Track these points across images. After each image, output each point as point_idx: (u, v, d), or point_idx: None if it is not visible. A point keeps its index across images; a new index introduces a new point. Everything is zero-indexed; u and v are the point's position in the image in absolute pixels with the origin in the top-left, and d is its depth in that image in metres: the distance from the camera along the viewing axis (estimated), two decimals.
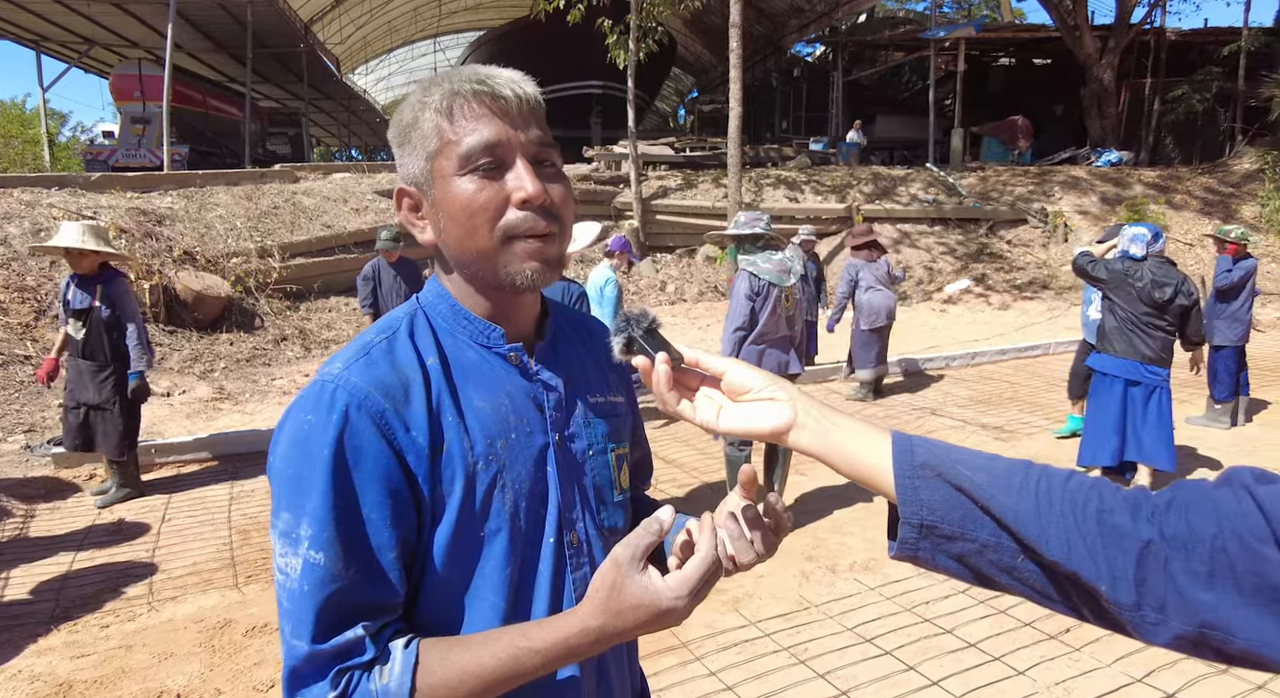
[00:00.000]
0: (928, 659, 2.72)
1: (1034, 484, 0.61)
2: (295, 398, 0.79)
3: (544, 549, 0.84)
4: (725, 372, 0.71)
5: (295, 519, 0.73)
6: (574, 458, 0.88)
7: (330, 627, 0.72)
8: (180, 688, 2.63)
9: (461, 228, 0.79)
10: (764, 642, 2.86)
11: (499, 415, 0.82)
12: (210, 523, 4.13)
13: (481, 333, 0.85)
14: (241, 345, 8.38)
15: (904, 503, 0.63)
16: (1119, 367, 4.22)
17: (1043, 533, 0.58)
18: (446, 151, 0.79)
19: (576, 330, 0.98)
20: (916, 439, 0.66)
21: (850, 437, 0.66)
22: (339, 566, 0.72)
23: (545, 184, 0.80)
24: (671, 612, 0.69)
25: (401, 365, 0.79)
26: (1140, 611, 0.55)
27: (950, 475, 0.62)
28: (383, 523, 0.74)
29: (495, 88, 0.79)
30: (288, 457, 0.75)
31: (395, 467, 0.75)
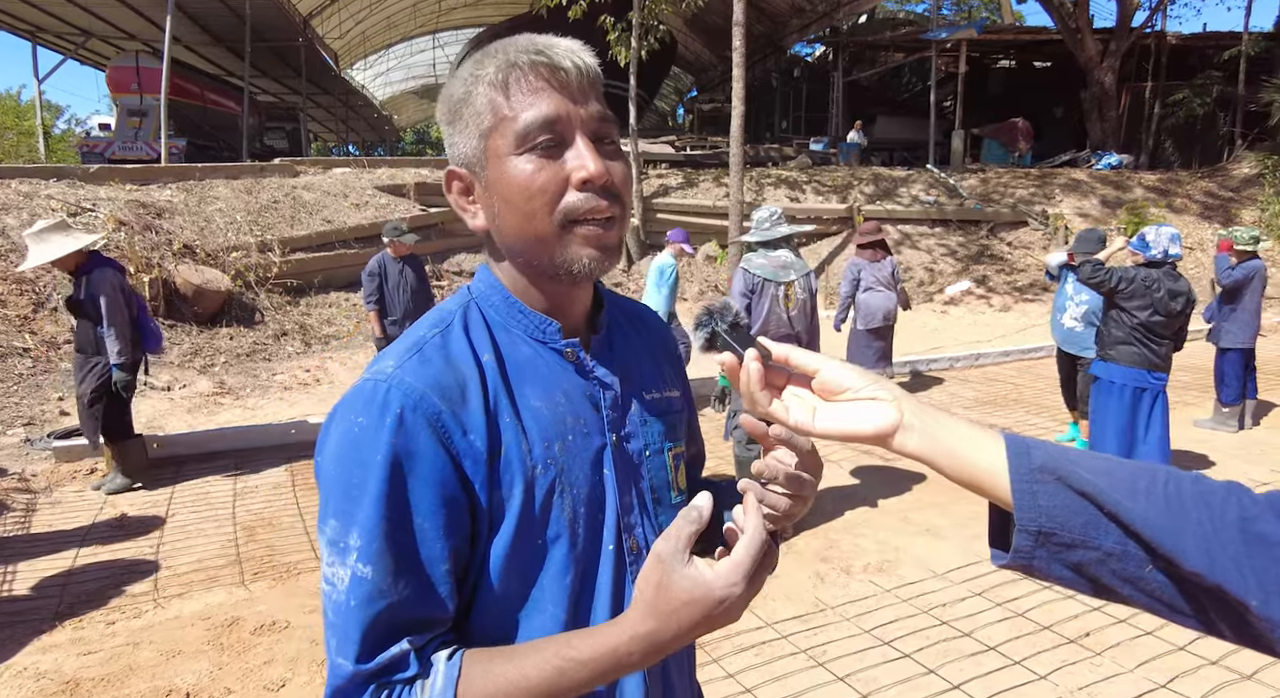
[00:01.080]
0: (948, 663, 2.70)
1: (1161, 488, 0.57)
2: (343, 397, 0.74)
3: (603, 557, 0.79)
4: (819, 370, 0.67)
5: (344, 528, 0.69)
6: (631, 459, 0.83)
7: (376, 645, 0.68)
8: (189, 687, 2.59)
9: (518, 212, 0.74)
10: (781, 644, 2.83)
11: (556, 416, 0.78)
12: (214, 519, 4.08)
13: (537, 327, 0.80)
14: (242, 340, 8.31)
15: (1021, 509, 0.59)
16: (1127, 375, 4.20)
17: (1179, 542, 0.54)
18: (502, 129, 0.73)
19: (631, 321, 0.94)
20: (1032, 441, 0.62)
21: (961, 439, 0.62)
22: (388, 580, 0.68)
23: (606, 162, 0.75)
24: (726, 602, 0.64)
25: (457, 362, 0.74)
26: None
27: (1071, 480, 0.58)
28: (436, 534, 0.70)
29: (555, 58, 0.73)
30: (337, 460, 0.71)
31: (451, 473, 0.71)
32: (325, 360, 8.08)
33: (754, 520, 0.67)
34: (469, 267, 11.38)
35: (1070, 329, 5.17)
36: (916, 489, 4.47)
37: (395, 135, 40.20)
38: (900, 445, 0.63)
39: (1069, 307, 5.14)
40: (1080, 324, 5.08)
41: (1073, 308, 5.11)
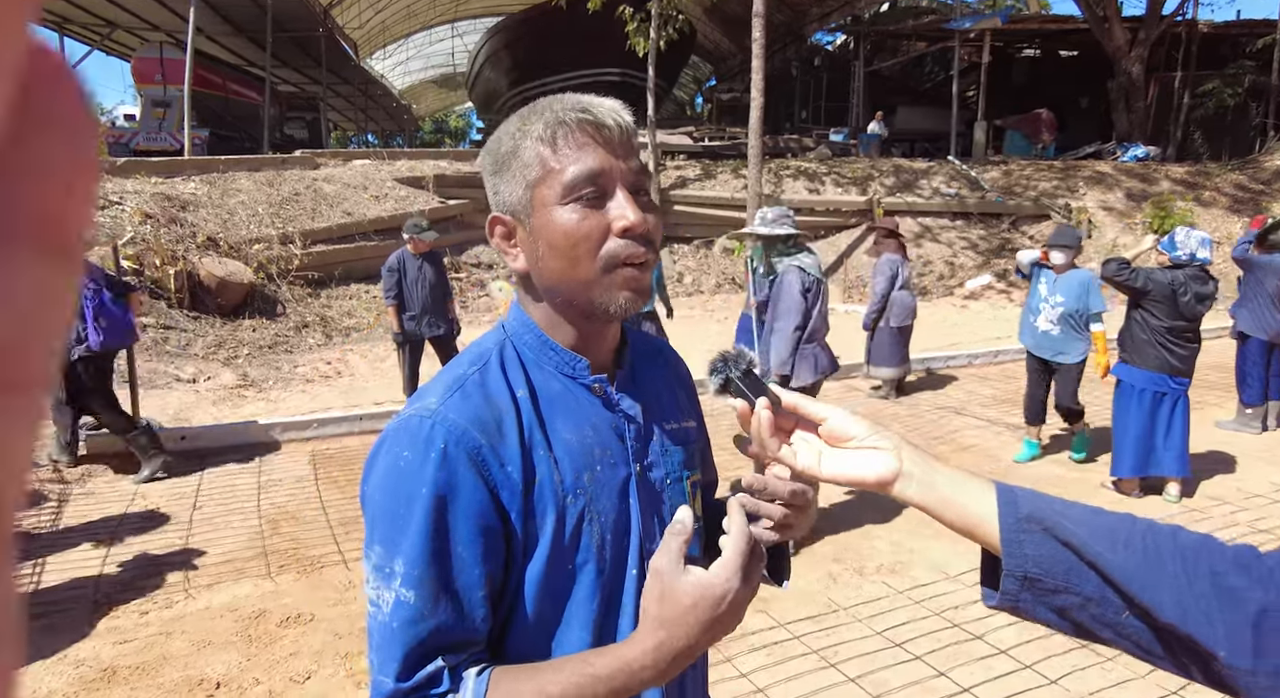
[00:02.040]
0: (959, 665, 2.73)
1: (1140, 540, 0.61)
2: (389, 429, 0.80)
3: (627, 581, 0.84)
4: (826, 418, 0.71)
5: (389, 554, 0.74)
6: (653, 487, 0.88)
7: (416, 664, 0.73)
8: (220, 676, 2.68)
9: (564, 256, 0.79)
10: (793, 644, 2.87)
11: (584, 447, 0.83)
12: (240, 512, 4.19)
13: (567, 364, 0.85)
14: (264, 332, 8.45)
15: (1009, 556, 0.63)
16: (1148, 379, 4.17)
17: (1155, 595, 0.58)
18: (549, 180, 0.79)
19: (651, 356, 0.99)
20: (1020, 491, 0.66)
21: (955, 488, 0.67)
22: (429, 605, 0.73)
23: (645, 212, 0.80)
24: (727, 597, 0.70)
25: (495, 399, 0.80)
26: (1255, 676, 0.55)
27: (1055, 530, 0.62)
28: (474, 561, 0.75)
29: (599, 117, 0.79)
30: (383, 491, 0.76)
31: (489, 504, 0.76)
32: (346, 353, 8.20)
33: (738, 521, 0.72)
34: (487, 259, 11.46)
35: (1045, 332, 4.85)
36: None
37: (414, 124, 40.32)
38: (900, 493, 0.67)
39: (1043, 309, 4.83)
40: (1056, 327, 4.77)
41: (1048, 310, 4.80)
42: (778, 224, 3.78)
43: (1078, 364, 4.76)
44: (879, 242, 6.65)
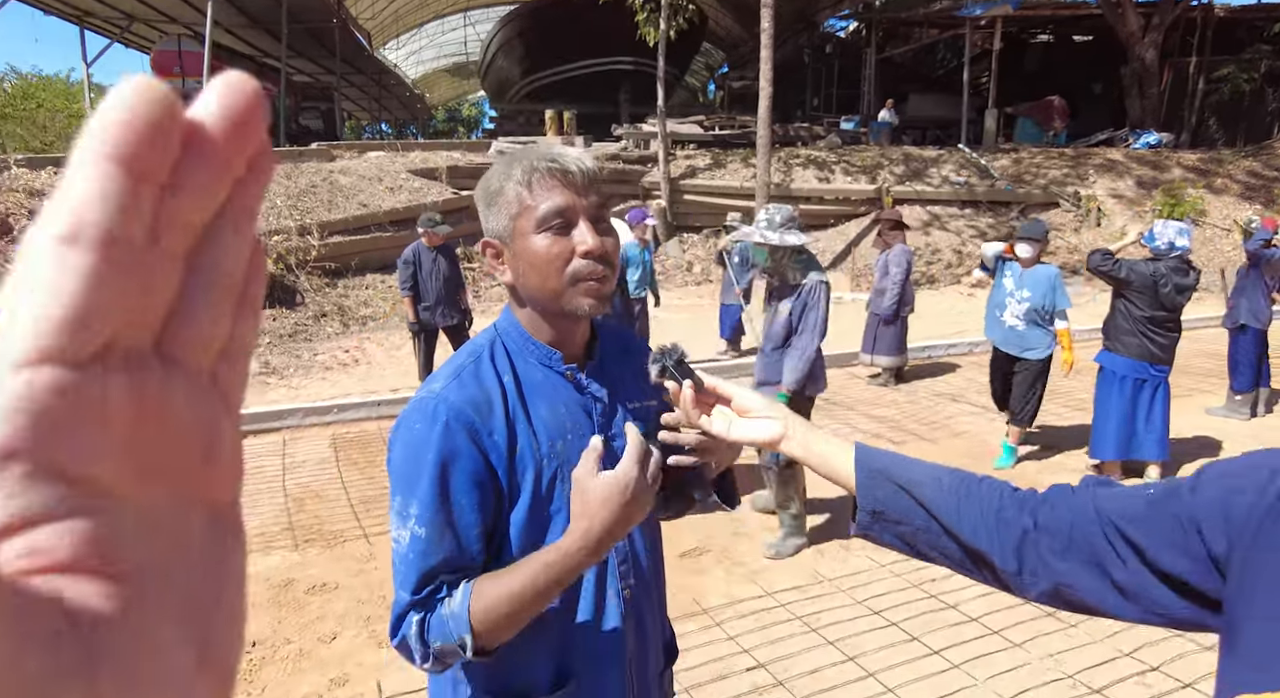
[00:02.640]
0: (931, 631, 2.95)
1: (956, 487, 0.83)
2: (408, 407, 1.03)
3: None
4: (734, 397, 0.94)
5: (406, 502, 0.97)
6: (615, 453, 1.08)
7: (425, 583, 0.97)
8: (255, 636, 2.95)
9: (538, 273, 1.01)
10: (779, 611, 3.10)
11: (558, 421, 1.05)
12: (267, 491, 4.46)
13: (545, 356, 1.08)
14: (284, 321, 8.74)
15: (862, 496, 0.85)
16: (1130, 367, 4.34)
17: (959, 523, 0.80)
18: (527, 214, 1.01)
19: (619, 349, 1.21)
20: (872, 450, 0.88)
21: (826, 448, 0.89)
22: (436, 539, 0.96)
23: (601, 238, 1.02)
24: (629, 487, 0.91)
25: (486, 385, 1.03)
26: (1020, 576, 0.76)
27: (896, 478, 0.85)
28: (470, 508, 0.98)
29: (565, 165, 1.00)
30: (402, 455, 0.99)
31: (482, 465, 0.99)
32: (364, 341, 8.48)
33: (632, 434, 0.95)
34: None
35: (1011, 328, 4.75)
36: None
37: (427, 113, 40.55)
38: (785, 449, 0.89)
39: (1009, 304, 4.73)
40: (1023, 323, 4.68)
41: (1014, 305, 4.70)
42: (787, 231, 3.53)
43: (1042, 361, 4.71)
44: (885, 233, 6.75)
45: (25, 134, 24.21)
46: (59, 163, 9.68)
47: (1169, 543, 0.69)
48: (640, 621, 1.13)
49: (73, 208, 0.16)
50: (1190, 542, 0.68)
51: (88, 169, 0.16)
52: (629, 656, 1.10)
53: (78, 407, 0.16)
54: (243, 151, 0.18)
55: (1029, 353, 4.71)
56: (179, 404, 0.18)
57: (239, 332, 0.20)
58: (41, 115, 25.88)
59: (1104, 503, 0.74)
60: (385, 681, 2.68)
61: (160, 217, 0.17)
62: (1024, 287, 4.66)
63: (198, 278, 0.18)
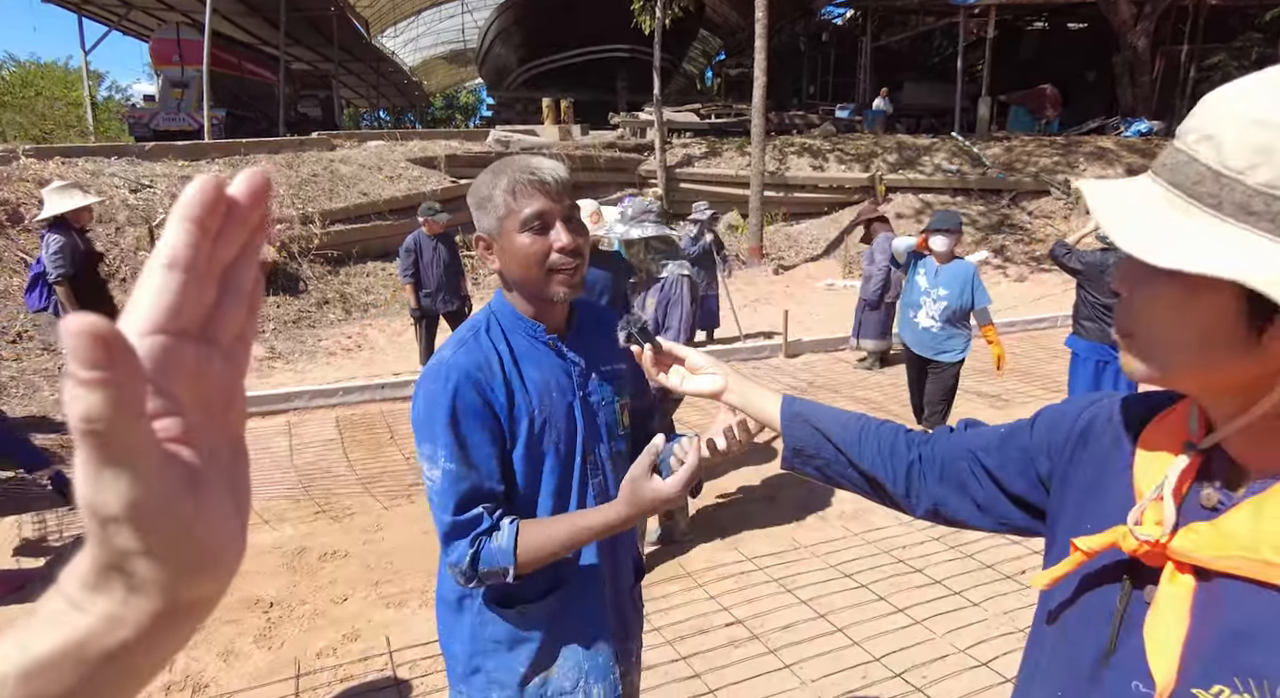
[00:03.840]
0: (898, 592, 3.19)
1: (859, 426, 1.05)
2: (423, 373, 1.26)
3: (575, 466, 1.32)
4: (687, 357, 1.16)
5: (434, 447, 1.20)
6: (592, 407, 1.35)
7: (461, 506, 1.20)
8: (272, 597, 3.19)
9: (521, 265, 1.24)
10: (757, 575, 3.34)
11: (544, 382, 1.29)
12: (277, 468, 4.70)
13: (531, 329, 1.31)
14: (288, 308, 8.96)
15: (786, 436, 1.08)
16: (1091, 349, 4.59)
17: (861, 455, 1.02)
18: (511, 217, 1.23)
19: (596, 320, 1.44)
20: (795, 399, 1.10)
21: (759, 398, 1.11)
22: (463, 470, 1.20)
23: (573, 235, 1.24)
24: (670, 500, 1.15)
25: (486, 351, 1.26)
26: (908, 498, 0.99)
27: (811, 420, 1.07)
28: (485, 444, 1.22)
29: (542, 177, 1.23)
30: (424, 409, 1.22)
31: (489, 413, 1.22)
32: (365, 328, 8.69)
33: (693, 458, 1.16)
34: None
35: (926, 329, 4.48)
36: None
37: (425, 101, 40.52)
38: (726, 399, 1.12)
39: (924, 303, 4.44)
40: (938, 324, 4.42)
41: (929, 304, 4.41)
42: (639, 223, 3.31)
43: (956, 365, 4.51)
44: (870, 227, 7.02)
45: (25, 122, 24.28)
46: (66, 154, 9.85)
47: (1013, 469, 0.91)
48: (614, 541, 1.36)
49: (170, 248, 0.28)
50: (1026, 467, 0.90)
51: (177, 225, 0.28)
52: (606, 570, 1.34)
53: (172, 358, 0.28)
54: (258, 216, 0.31)
55: (944, 356, 4.48)
56: (215, 366, 0.30)
57: (248, 323, 0.32)
58: (41, 103, 25.94)
59: (971, 440, 0.96)
60: (394, 636, 2.93)
61: (213, 254, 0.30)
62: (939, 285, 4.37)
63: (227, 289, 0.31)
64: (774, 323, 9.13)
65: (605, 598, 1.35)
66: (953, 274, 4.36)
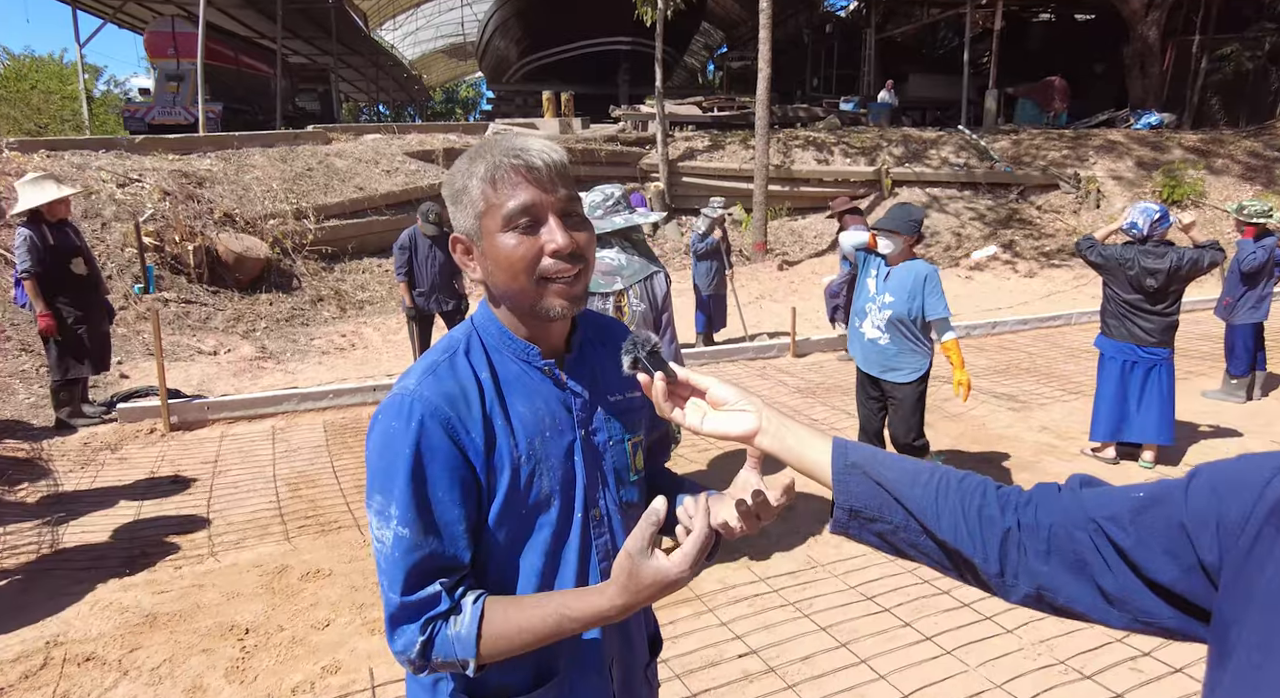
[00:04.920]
0: (924, 617, 2.95)
1: (935, 483, 0.81)
2: (381, 404, 1.01)
3: (574, 522, 1.06)
4: (708, 388, 0.92)
5: (386, 501, 0.95)
6: (596, 448, 1.09)
7: (415, 583, 0.95)
8: (249, 623, 2.96)
9: (505, 273, 0.99)
10: (772, 597, 3.11)
11: (536, 418, 1.03)
12: (261, 477, 4.46)
13: (522, 351, 1.05)
14: (281, 306, 8.72)
15: (838, 492, 0.83)
16: (1115, 348, 4.37)
17: (939, 521, 0.78)
18: (491, 213, 0.98)
19: (601, 336, 1.18)
20: (850, 444, 0.86)
21: (800, 441, 0.87)
22: (420, 537, 0.94)
23: (571, 233, 0.99)
24: (678, 582, 0.90)
25: (462, 380, 1.00)
26: (1002, 577, 0.75)
27: (872, 473, 0.82)
28: (452, 503, 0.96)
29: (529, 160, 0.97)
30: (378, 453, 0.97)
31: (460, 460, 0.97)
32: (360, 326, 8.45)
33: (700, 522, 0.91)
34: None
35: (872, 342, 3.74)
36: None
37: (425, 95, 40.18)
38: (758, 444, 0.88)
39: (870, 311, 3.75)
40: (885, 335, 3.69)
41: (874, 312, 3.72)
42: (612, 214, 2.93)
43: (912, 386, 3.71)
44: (843, 219, 7.03)
45: (19, 116, 23.99)
46: (52, 146, 9.60)
47: (1157, 549, 0.66)
48: (624, 623, 1.12)
49: None
50: (1180, 548, 0.65)
51: None
52: (611, 654, 1.09)
53: None
54: None
55: (891, 375, 3.73)
56: None
57: None
58: (36, 97, 25.64)
59: (1090, 504, 0.72)
60: (377, 668, 2.69)
61: None
62: (887, 290, 3.69)
63: None
64: (780, 321, 8.89)
65: (612, 688, 1.10)
66: (901, 278, 3.65)
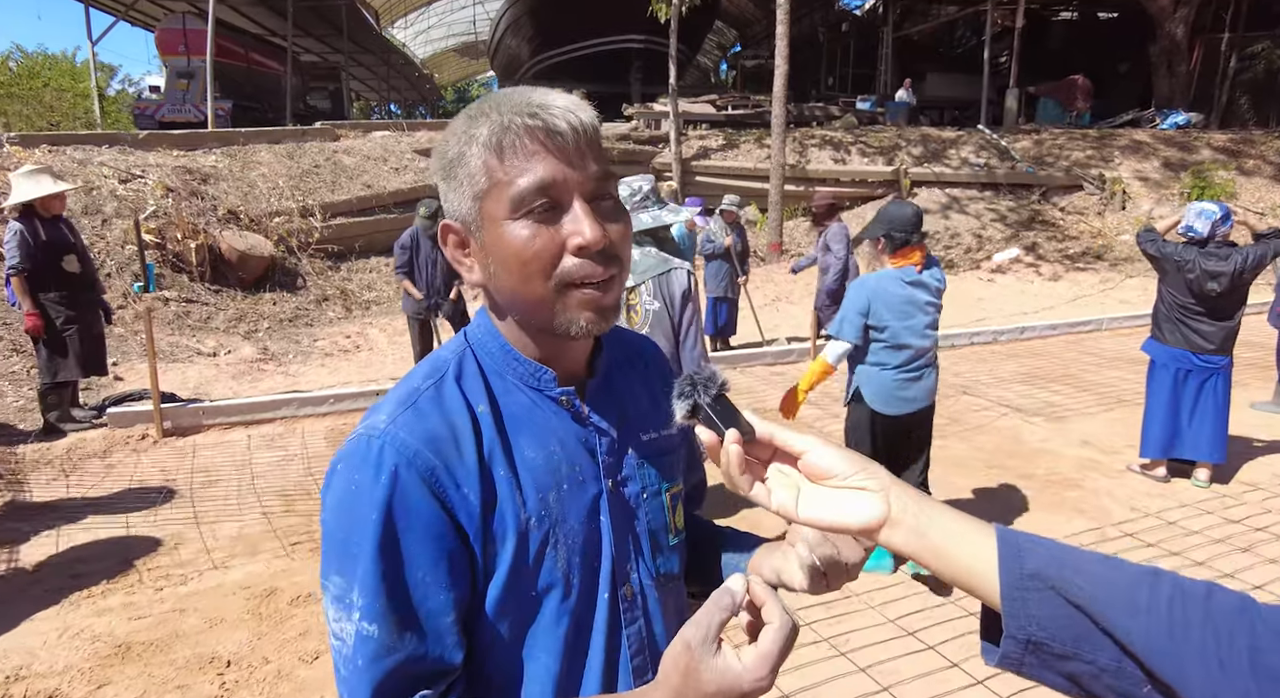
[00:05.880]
0: (973, 657, 2.67)
1: (1165, 605, 0.53)
2: (342, 449, 0.75)
3: (599, 605, 0.80)
4: (806, 452, 0.64)
5: (347, 585, 0.70)
6: (627, 504, 0.83)
7: (385, 694, 0.69)
8: (230, 654, 2.71)
9: (514, 275, 0.73)
10: (804, 632, 2.83)
11: (550, 466, 0.77)
12: (255, 489, 4.22)
13: (532, 375, 0.80)
14: (284, 305, 8.51)
15: (1010, 616, 0.56)
16: (1168, 355, 4.05)
17: (1180, 669, 0.50)
18: (496, 193, 0.72)
19: (631, 359, 0.93)
20: (1024, 540, 0.58)
21: (950, 537, 0.60)
22: (393, 637, 0.69)
23: (605, 223, 0.73)
24: (753, 694, 0.64)
25: (451, 416, 0.74)
26: None
27: (1065, 589, 0.55)
28: (438, 586, 0.70)
29: (550, 121, 0.71)
30: (336, 517, 0.71)
31: (448, 526, 0.71)
32: (365, 326, 8.23)
33: (778, 612, 0.65)
34: None
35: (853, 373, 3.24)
36: (959, 478, 4.39)
37: (436, 94, 40.07)
38: (885, 541, 0.61)
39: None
40: None
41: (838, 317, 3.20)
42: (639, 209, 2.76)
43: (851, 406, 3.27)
44: (823, 215, 6.92)
45: (32, 113, 23.98)
46: (55, 141, 9.43)
47: None
48: None
49: None
50: None
51: None
52: None
53: None
54: None
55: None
56: None
57: None
58: (48, 95, 25.64)
59: None
60: None
61: None
62: None
63: None
64: (797, 324, 8.60)
65: None
66: None
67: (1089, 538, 3.58)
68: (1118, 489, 4.15)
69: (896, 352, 3.08)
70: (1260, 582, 3.16)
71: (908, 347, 3.07)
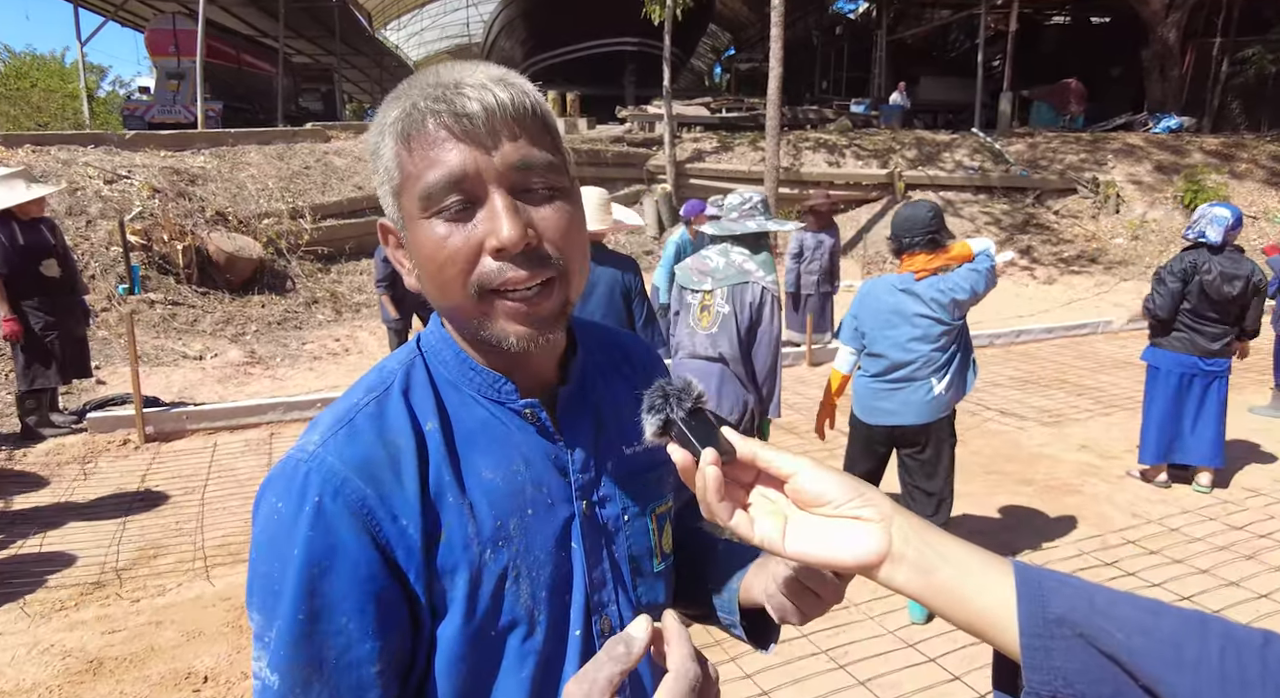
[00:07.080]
0: (975, 670, 2.59)
1: (1217, 658, 0.45)
2: (274, 468, 0.66)
3: (570, 643, 0.71)
4: (794, 474, 0.56)
5: (266, 623, 0.62)
6: (604, 527, 0.74)
7: None
8: (207, 670, 2.61)
9: (432, 281, 0.65)
10: (802, 643, 2.75)
11: (512, 488, 0.68)
12: (239, 495, 4.12)
13: (491, 385, 0.70)
14: (273, 308, 8.39)
15: (1032, 668, 0.48)
16: (1174, 362, 3.99)
17: None
18: (409, 189, 0.63)
19: (613, 361, 0.84)
20: (1048, 580, 0.50)
21: (962, 575, 0.52)
22: (297, 691, 0.61)
23: (534, 215, 0.63)
24: None
25: (392, 436, 0.65)
26: None
27: (1096, 638, 0.47)
28: (363, 635, 0.62)
29: (457, 104, 0.61)
30: (260, 549, 0.64)
31: (379, 566, 0.62)
32: (355, 329, 8.12)
33: (679, 654, 0.54)
34: None
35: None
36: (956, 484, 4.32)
37: None
38: (886, 580, 0.53)
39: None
40: None
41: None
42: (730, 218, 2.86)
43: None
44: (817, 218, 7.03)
45: (19, 114, 23.76)
46: (39, 141, 9.30)
47: None
48: None
49: None
50: None
51: None
52: None
53: None
54: None
55: None
56: None
57: None
58: (36, 95, 25.42)
59: None
60: None
61: None
62: None
63: None
64: None
65: None
66: None
67: (1091, 545, 3.51)
68: (1118, 495, 4.09)
69: (874, 359, 3.01)
70: (1267, 590, 3.10)
71: (884, 357, 2.97)
